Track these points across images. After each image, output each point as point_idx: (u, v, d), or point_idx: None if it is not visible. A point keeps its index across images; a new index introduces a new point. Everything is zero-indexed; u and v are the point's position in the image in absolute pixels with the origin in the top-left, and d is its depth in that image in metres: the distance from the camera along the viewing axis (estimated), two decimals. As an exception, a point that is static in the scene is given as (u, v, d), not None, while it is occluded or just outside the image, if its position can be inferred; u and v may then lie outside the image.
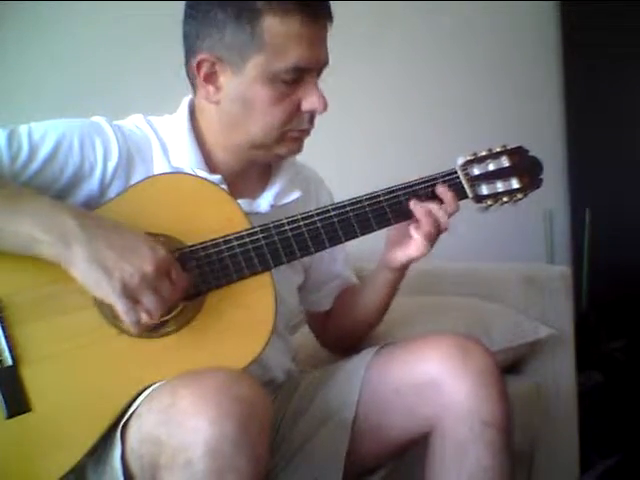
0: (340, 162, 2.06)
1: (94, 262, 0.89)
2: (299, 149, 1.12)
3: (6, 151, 0.97)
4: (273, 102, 1.04)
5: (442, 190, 1.11)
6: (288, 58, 1.02)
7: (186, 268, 0.98)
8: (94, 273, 0.89)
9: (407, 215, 1.10)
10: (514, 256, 2.33)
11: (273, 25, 1.00)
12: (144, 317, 0.91)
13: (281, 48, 1.01)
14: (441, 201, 1.11)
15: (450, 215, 1.10)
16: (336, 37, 1.08)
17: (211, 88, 1.06)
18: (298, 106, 1.06)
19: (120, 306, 0.90)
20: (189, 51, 1.07)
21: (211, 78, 1.06)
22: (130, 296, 0.90)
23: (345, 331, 1.28)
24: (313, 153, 1.17)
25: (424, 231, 1.08)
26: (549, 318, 1.66)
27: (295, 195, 1.17)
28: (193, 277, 0.98)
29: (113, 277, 0.89)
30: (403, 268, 1.17)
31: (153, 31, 1.90)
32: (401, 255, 1.13)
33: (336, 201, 1.12)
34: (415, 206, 1.09)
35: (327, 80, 1.09)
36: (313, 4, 1.03)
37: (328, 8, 1.06)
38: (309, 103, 1.05)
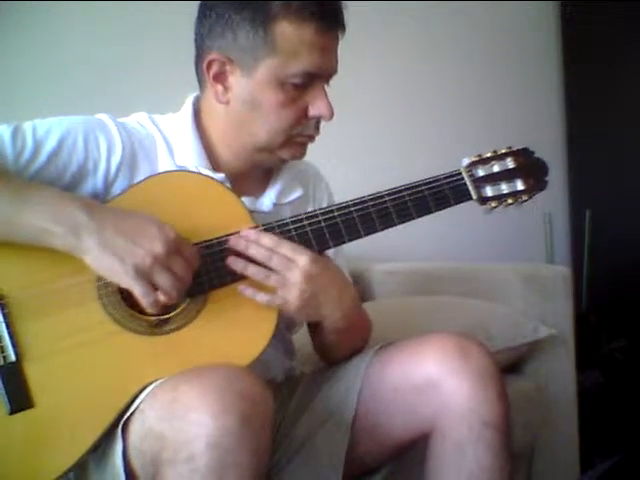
0: (343, 162, 2.06)
1: (105, 250, 0.91)
2: (302, 154, 1.12)
3: (11, 147, 0.98)
4: (281, 106, 1.05)
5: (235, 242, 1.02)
6: (300, 63, 1.03)
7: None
8: (107, 260, 0.91)
9: (411, 216, 1.09)
10: (514, 256, 2.34)
11: (287, 30, 1.02)
12: (162, 297, 0.92)
13: (294, 53, 1.02)
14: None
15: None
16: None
17: (220, 88, 1.07)
18: (305, 112, 1.07)
19: (137, 290, 0.91)
20: (200, 50, 1.09)
21: (220, 78, 1.07)
22: (145, 278, 0.91)
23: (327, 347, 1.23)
24: (316, 153, 1.18)
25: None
26: (549, 318, 1.67)
27: (297, 193, 1.18)
28: (197, 275, 0.98)
29: (126, 262, 0.90)
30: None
31: (155, 29, 1.91)
32: None
33: (337, 200, 1.11)
34: (234, 263, 1.01)
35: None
36: (329, 14, 1.04)
37: (342, 18, 1.07)
38: (316, 109, 1.06)
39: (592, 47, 2.49)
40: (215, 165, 1.11)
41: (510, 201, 1.12)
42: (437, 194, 1.09)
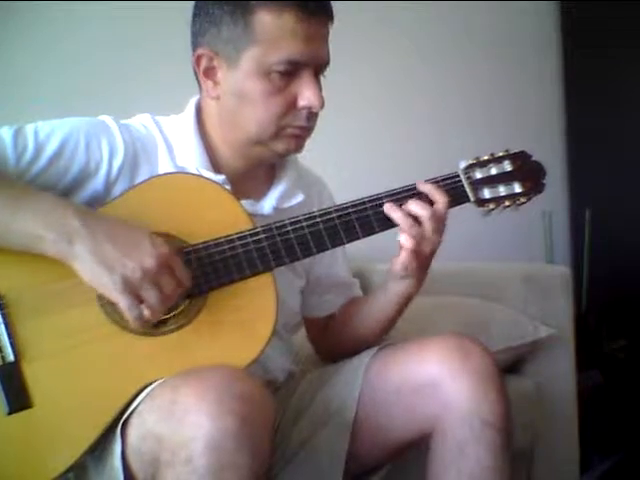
0: (340, 163, 2.06)
1: (96, 258, 0.90)
2: (298, 148, 1.11)
3: (12, 150, 0.98)
4: (268, 95, 1.04)
5: (421, 187, 1.08)
6: (282, 51, 1.02)
7: (189, 267, 0.97)
8: (96, 269, 0.90)
9: None
10: (514, 256, 2.34)
11: (266, 19, 1.02)
12: (146, 313, 0.91)
13: (275, 41, 1.02)
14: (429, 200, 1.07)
15: (440, 210, 1.06)
16: (335, 37, 1.08)
17: (210, 83, 1.08)
18: (294, 102, 1.06)
19: (122, 302, 0.90)
20: (193, 49, 1.09)
21: (210, 73, 1.07)
22: (132, 292, 0.90)
23: (345, 340, 1.25)
24: (313, 154, 1.18)
25: (408, 235, 1.05)
26: (549, 318, 1.66)
27: (298, 199, 1.17)
28: (195, 276, 0.98)
29: (115, 273, 0.90)
30: (403, 277, 1.13)
31: (156, 30, 1.91)
32: (394, 264, 1.10)
33: (337, 203, 1.11)
34: (391, 210, 1.07)
35: (327, 80, 1.10)
36: (310, 2, 1.03)
37: (327, 6, 1.06)
38: (305, 99, 1.05)
39: (592, 47, 2.49)
40: (216, 166, 1.11)
41: (508, 203, 1.13)
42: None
